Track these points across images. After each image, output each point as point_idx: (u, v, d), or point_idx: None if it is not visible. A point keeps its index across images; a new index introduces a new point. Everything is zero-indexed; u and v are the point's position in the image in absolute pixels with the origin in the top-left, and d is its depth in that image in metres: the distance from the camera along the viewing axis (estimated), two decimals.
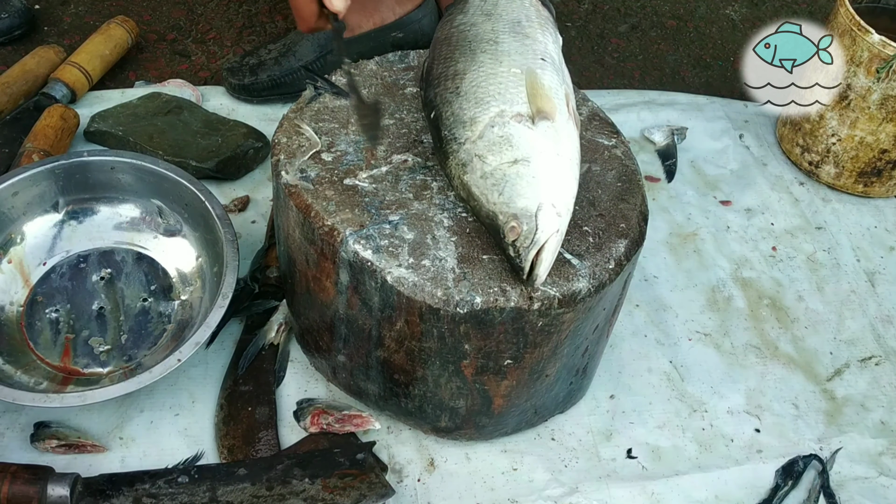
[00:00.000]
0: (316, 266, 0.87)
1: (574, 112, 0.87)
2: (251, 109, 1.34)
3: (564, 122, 0.84)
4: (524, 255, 0.77)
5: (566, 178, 0.82)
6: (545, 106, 0.84)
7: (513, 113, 0.83)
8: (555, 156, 0.81)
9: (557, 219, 0.78)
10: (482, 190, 0.81)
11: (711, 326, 1.16)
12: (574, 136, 0.85)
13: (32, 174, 1.03)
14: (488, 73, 0.87)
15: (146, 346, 1.01)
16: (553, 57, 0.91)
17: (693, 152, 1.40)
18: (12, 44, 1.39)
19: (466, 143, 0.83)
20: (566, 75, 0.92)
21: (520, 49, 0.90)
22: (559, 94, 0.86)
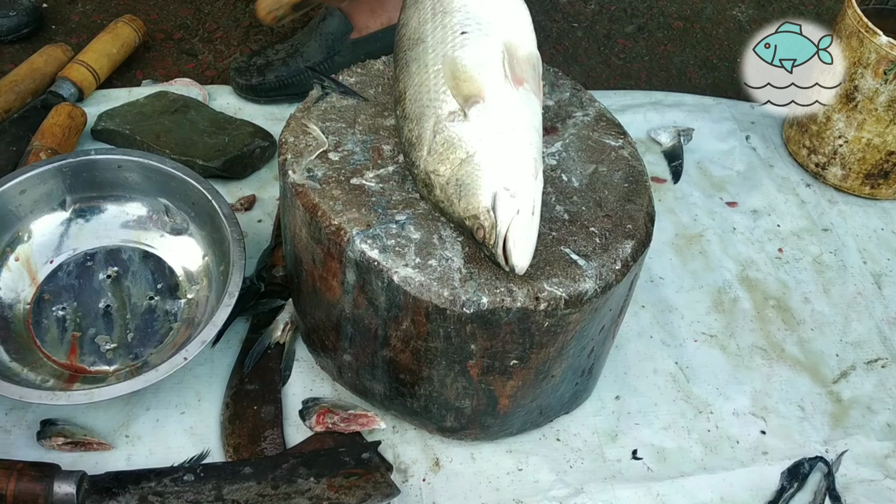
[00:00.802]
0: (322, 265, 0.88)
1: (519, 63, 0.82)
2: (258, 109, 1.34)
3: (498, 91, 0.80)
4: (495, 252, 0.76)
5: (514, 149, 0.79)
6: (470, 89, 0.80)
7: (446, 114, 0.81)
8: (496, 135, 0.79)
9: (513, 200, 0.76)
10: (447, 204, 0.80)
11: (717, 328, 1.15)
12: (516, 98, 0.80)
13: (40, 172, 1.04)
14: (420, 83, 0.84)
15: (152, 345, 1.02)
16: (478, 17, 0.85)
17: (699, 153, 1.39)
18: (20, 42, 1.39)
19: (420, 163, 0.82)
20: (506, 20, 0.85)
21: (440, 35, 0.85)
22: (489, 62, 0.81)
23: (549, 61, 1.54)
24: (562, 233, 0.86)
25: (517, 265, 0.76)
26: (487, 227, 0.76)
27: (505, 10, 0.86)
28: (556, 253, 0.84)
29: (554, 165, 0.93)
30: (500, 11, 0.85)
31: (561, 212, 0.88)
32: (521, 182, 0.77)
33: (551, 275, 0.81)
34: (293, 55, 1.34)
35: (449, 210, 0.80)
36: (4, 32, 1.37)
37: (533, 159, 0.79)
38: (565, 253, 0.84)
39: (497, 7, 0.85)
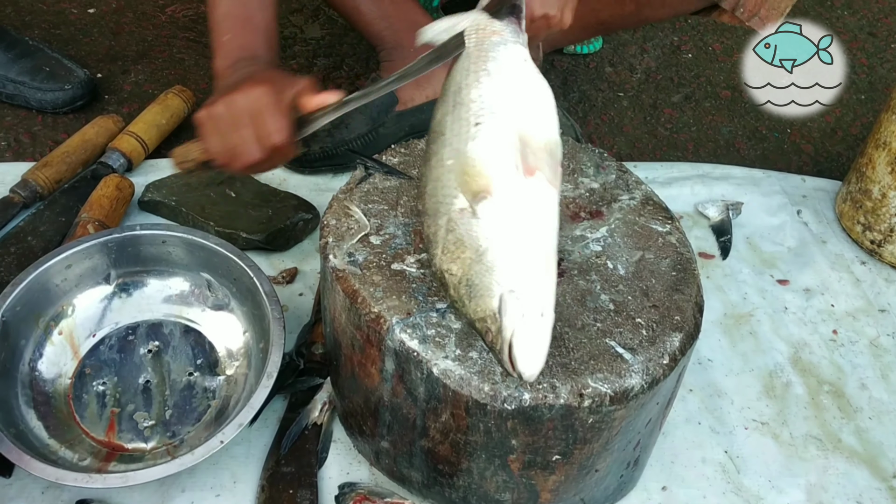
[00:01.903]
0: (361, 351, 0.86)
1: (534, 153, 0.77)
2: (302, 180, 1.34)
3: (507, 184, 0.76)
4: (501, 359, 0.72)
5: (521, 247, 0.74)
6: (478, 184, 0.76)
7: (457, 211, 0.76)
8: (503, 232, 0.74)
9: (518, 303, 0.71)
10: (459, 304, 0.76)
11: (769, 414, 1.11)
12: (524, 188, 0.76)
13: (86, 248, 1.05)
14: (436, 178, 0.80)
15: (190, 423, 1.01)
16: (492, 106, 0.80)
17: (749, 228, 1.36)
18: (75, 112, 1.43)
19: (436, 261, 0.78)
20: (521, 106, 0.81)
21: (456, 128, 0.81)
22: (500, 155, 0.77)
23: (594, 131, 1.54)
24: (607, 324, 0.84)
25: (523, 373, 0.71)
26: (494, 331, 0.72)
27: (522, 97, 0.82)
28: (601, 346, 0.81)
29: (599, 252, 0.91)
30: (517, 98, 0.82)
31: (606, 301, 0.86)
32: (528, 283, 0.72)
33: (596, 370, 0.79)
34: (338, 126, 1.35)
35: (462, 310, 0.76)
36: (60, 105, 1.40)
37: (543, 256, 0.75)
38: (610, 346, 0.81)
39: (513, 94, 0.82)
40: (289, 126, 0.90)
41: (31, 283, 1.01)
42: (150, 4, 1.69)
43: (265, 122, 0.89)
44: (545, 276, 0.74)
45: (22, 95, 1.40)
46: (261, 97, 0.89)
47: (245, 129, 0.90)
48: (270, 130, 0.89)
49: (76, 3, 1.67)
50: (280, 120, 0.90)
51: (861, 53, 1.83)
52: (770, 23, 1.16)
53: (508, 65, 0.83)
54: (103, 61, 1.54)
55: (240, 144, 0.91)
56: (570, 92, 1.57)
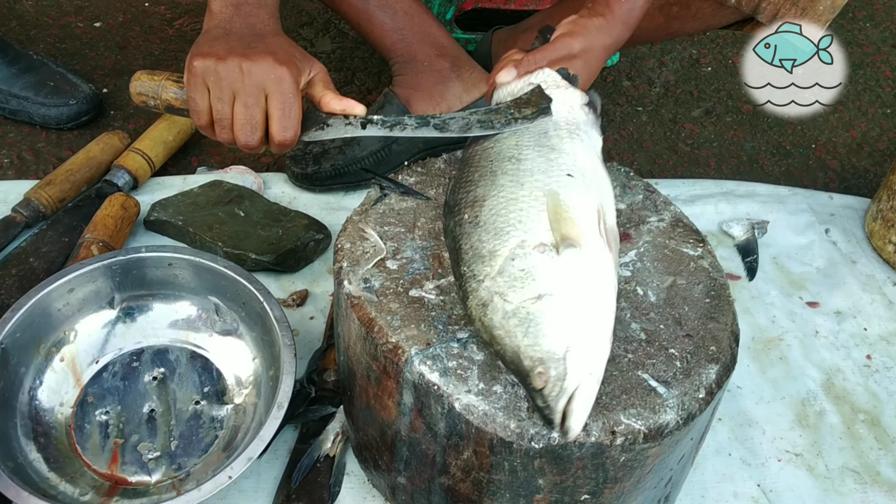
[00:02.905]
0: (377, 383, 0.81)
1: (608, 231, 0.78)
2: (312, 198, 1.30)
3: (594, 246, 0.75)
4: (553, 406, 0.68)
5: (599, 311, 0.72)
6: (570, 232, 0.74)
7: (535, 243, 0.74)
8: (584, 288, 0.72)
9: (589, 361, 0.69)
10: (505, 331, 0.72)
11: (803, 445, 1.06)
12: (607, 259, 0.75)
13: (89, 271, 1.01)
14: (508, 198, 0.78)
15: (196, 454, 0.96)
16: (583, 169, 0.82)
17: (775, 248, 1.31)
18: (79, 128, 1.39)
19: (486, 279, 0.74)
20: (601, 185, 0.83)
21: (544, 166, 0.81)
22: (588, 215, 0.77)
23: (613, 146, 1.49)
24: (639, 355, 0.79)
25: (573, 430, 0.68)
26: (554, 376, 0.68)
27: (601, 176, 0.84)
28: (634, 379, 0.76)
29: (628, 277, 0.86)
30: (598, 175, 0.83)
31: (637, 330, 0.81)
32: (599, 346, 0.71)
33: (628, 405, 0.74)
34: (350, 143, 1.31)
35: (504, 340, 0.72)
36: (65, 121, 1.37)
37: (611, 324, 0.73)
38: (643, 379, 0.76)
39: (597, 170, 0.84)
40: (300, 122, 0.84)
41: (31, 307, 0.97)
42: (157, 18, 1.66)
43: (279, 111, 0.83)
44: (608, 343, 0.72)
45: (25, 111, 1.37)
46: (283, 79, 0.82)
47: (251, 110, 0.83)
48: (283, 124, 0.83)
49: (82, 16, 1.64)
50: (295, 113, 0.84)
51: (885, 66, 1.78)
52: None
53: (594, 143, 0.88)
54: (109, 76, 1.51)
55: (237, 121, 0.83)
56: None
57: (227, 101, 0.84)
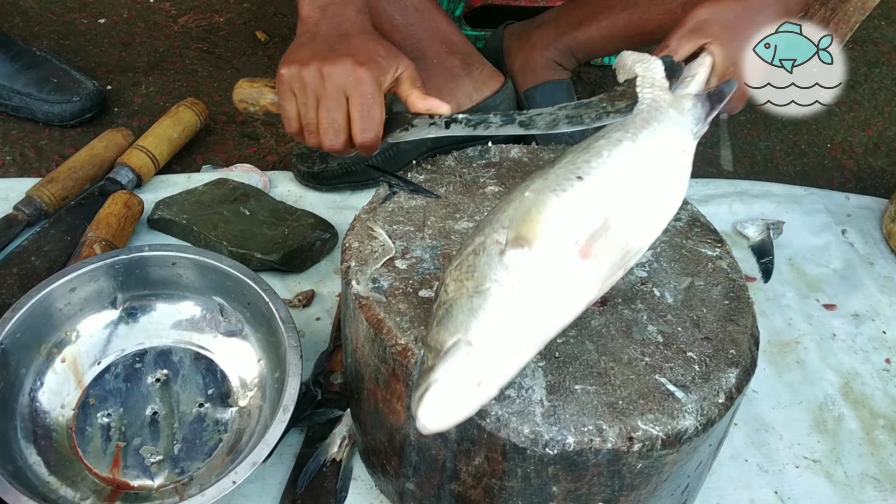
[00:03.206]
0: (386, 386, 0.79)
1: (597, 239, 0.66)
2: (319, 197, 1.28)
3: (551, 251, 0.65)
4: (412, 394, 0.63)
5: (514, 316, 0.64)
6: (526, 231, 0.65)
7: (493, 240, 0.67)
8: (511, 290, 0.64)
9: (467, 358, 0.62)
10: (432, 319, 0.67)
11: (821, 451, 1.03)
12: (564, 267, 0.65)
13: (91, 270, 0.98)
14: (509, 199, 0.71)
15: (200, 458, 0.94)
16: (607, 167, 0.70)
17: (791, 249, 1.29)
18: (83, 125, 1.37)
19: (447, 268, 0.69)
20: (650, 196, 0.70)
21: (562, 172, 0.70)
22: (570, 218, 0.66)
23: None
24: (656, 358, 0.76)
25: (419, 420, 0.61)
26: (429, 366, 0.63)
27: (647, 184, 0.70)
28: (651, 383, 0.74)
29: (644, 278, 0.83)
30: (641, 182, 0.70)
31: (654, 333, 0.78)
32: (493, 350, 0.63)
33: (646, 410, 0.72)
34: None
35: (428, 326, 0.68)
36: (68, 118, 1.35)
37: (528, 338, 0.64)
38: (661, 383, 0.74)
39: (639, 176, 0.70)
40: (382, 124, 0.83)
41: (32, 307, 0.95)
42: (162, 15, 1.64)
43: (359, 114, 0.82)
44: (515, 357, 0.64)
45: (28, 108, 1.35)
46: (363, 81, 0.81)
47: (335, 113, 0.82)
48: (363, 125, 0.82)
49: (86, 13, 1.62)
50: (376, 115, 0.82)
51: None
52: (839, 37, 1.08)
53: (662, 143, 0.74)
54: (113, 73, 1.49)
55: (321, 126, 0.83)
56: None
57: (312, 107, 0.84)
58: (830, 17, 1.11)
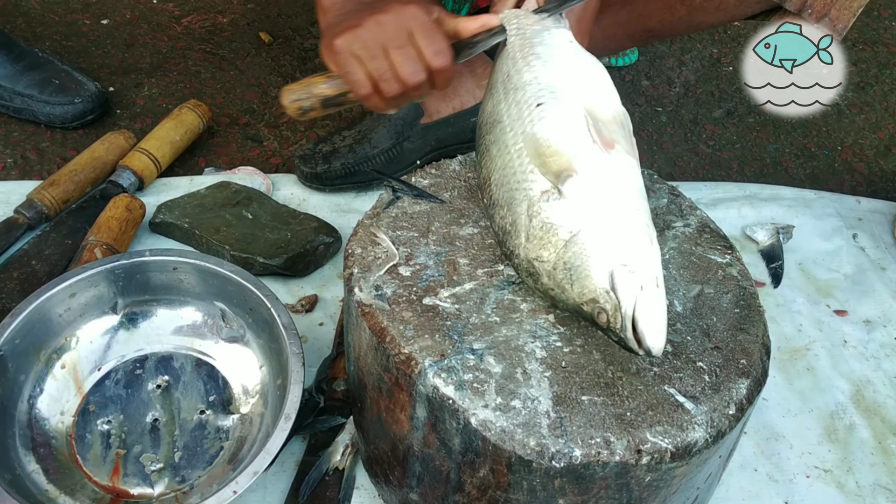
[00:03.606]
0: (389, 396, 0.78)
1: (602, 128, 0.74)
2: (323, 199, 1.27)
3: (589, 158, 0.73)
4: (625, 336, 0.68)
5: (621, 219, 0.71)
6: (559, 164, 0.73)
7: (538, 195, 0.73)
8: (598, 207, 0.71)
9: (633, 275, 0.68)
10: (558, 291, 0.72)
11: (832, 461, 1.01)
12: (608, 161, 0.73)
13: (91, 275, 0.97)
14: (504, 165, 0.78)
15: (201, 466, 0.93)
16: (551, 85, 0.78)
17: (801, 253, 1.27)
18: (84, 127, 1.36)
19: (520, 251, 0.75)
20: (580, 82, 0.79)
21: (516, 112, 0.79)
22: (572, 131, 0.74)
23: None
24: (665, 368, 0.75)
25: (653, 347, 0.67)
26: (610, 309, 0.69)
27: (579, 73, 0.79)
28: (660, 394, 0.72)
29: None
30: (575, 75, 0.78)
31: None
32: (639, 254, 0.69)
33: (655, 422, 0.70)
34: (360, 141, 1.28)
35: (562, 297, 0.73)
36: (69, 119, 1.34)
37: (645, 225, 0.72)
38: (670, 394, 0.72)
39: (570, 71, 0.79)
40: (449, 45, 0.86)
41: (31, 313, 0.94)
42: (165, 15, 1.63)
43: (427, 40, 0.85)
44: (651, 245, 0.71)
45: (30, 109, 1.33)
46: (417, 15, 0.85)
47: (405, 49, 0.85)
48: (435, 49, 0.85)
49: (89, 13, 1.60)
50: (442, 39, 0.85)
51: None
52: (841, 24, 1.06)
53: (557, 45, 0.82)
54: (116, 74, 1.48)
55: (398, 66, 0.85)
56: None
57: (381, 56, 0.86)
58: (832, 3, 1.08)
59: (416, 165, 1.28)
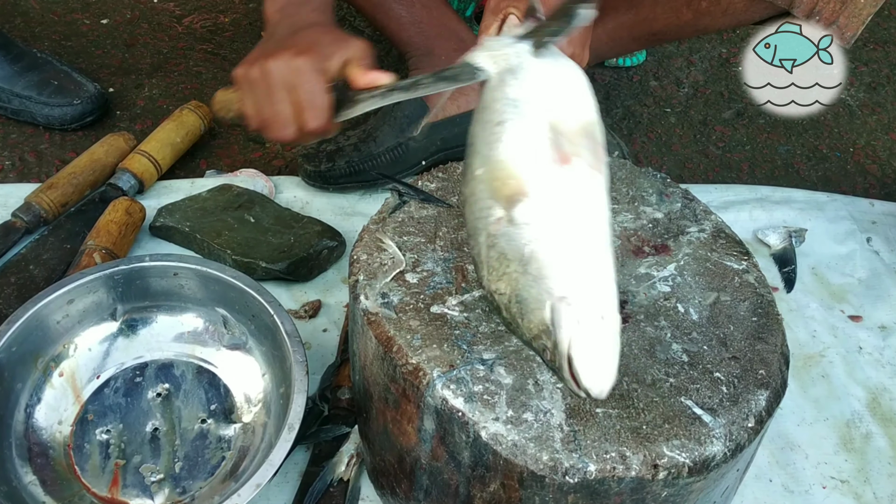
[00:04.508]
0: (396, 407, 0.75)
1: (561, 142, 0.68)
2: (326, 202, 1.24)
3: (542, 179, 0.67)
4: (563, 377, 0.65)
5: (567, 246, 0.66)
6: (510, 187, 0.67)
7: (493, 223, 0.68)
8: (546, 235, 0.66)
9: (570, 308, 0.64)
10: (514, 325, 0.69)
11: (849, 471, 0.99)
12: (562, 179, 0.67)
13: (89, 281, 0.95)
14: (470, 192, 0.72)
15: (202, 477, 0.90)
16: (514, 99, 0.71)
17: (814, 257, 1.24)
18: (84, 129, 1.33)
19: (484, 282, 0.71)
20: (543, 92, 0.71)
21: (482, 134, 0.72)
22: (527, 147, 0.68)
23: (641, 150, 1.43)
24: (681, 379, 0.72)
25: (591, 388, 0.63)
26: (551, 346, 0.65)
27: (549, 82, 0.72)
28: (676, 406, 0.70)
29: (668, 293, 0.79)
30: (543, 85, 0.72)
31: (678, 351, 0.74)
32: (580, 285, 0.64)
33: (671, 435, 0.68)
34: (365, 140, 1.25)
35: (518, 332, 0.70)
36: (69, 121, 1.31)
37: (594, 251, 0.67)
38: (687, 406, 0.70)
39: (539, 82, 0.72)
40: (328, 108, 0.83)
41: (28, 319, 0.91)
42: (166, 15, 1.60)
43: (303, 102, 0.82)
44: (599, 274, 0.65)
45: (28, 111, 1.31)
46: (301, 71, 0.81)
47: (280, 105, 0.82)
48: (308, 113, 0.82)
49: (89, 13, 1.58)
50: (319, 101, 0.82)
51: None
52: (850, 32, 1.04)
53: (528, 61, 0.74)
54: (115, 74, 1.45)
55: (274, 118, 0.83)
56: (613, 108, 1.46)
57: (264, 102, 0.84)
58: (840, 10, 1.06)
59: (422, 167, 1.26)
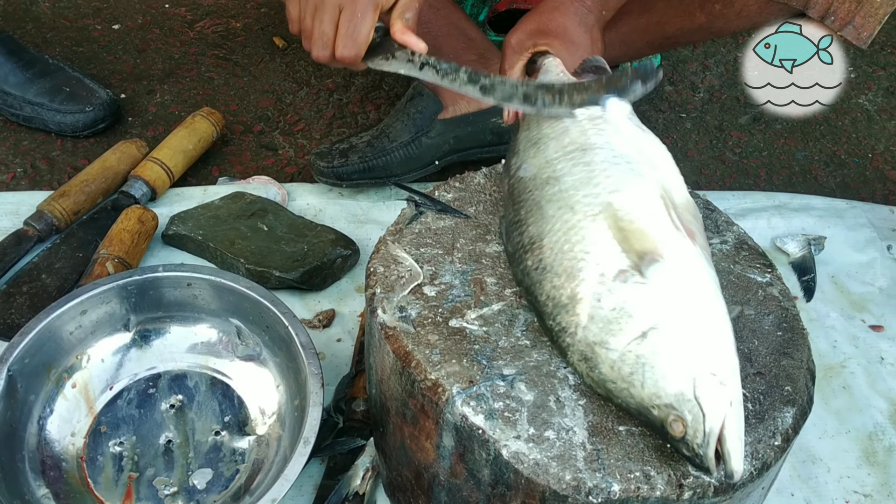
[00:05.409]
0: (414, 422, 0.74)
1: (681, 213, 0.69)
2: (340, 209, 1.23)
3: (675, 246, 0.67)
4: (704, 455, 0.62)
5: (713, 325, 0.66)
6: (643, 245, 0.67)
7: (613, 272, 0.67)
8: (686, 305, 0.65)
9: (723, 388, 0.62)
10: (619, 384, 0.66)
11: (872, 485, 0.97)
12: (694, 254, 0.68)
13: (102, 291, 0.94)
14: (565, 229, 0.71)
15: (216, 491, 0.89)
16: (626, 156, 0.73)
17: (833, 266, 1.22)
18: (96, 136, 1.33)
19: (577, 330, 0.68)
20: (653, 158, 0.74)
21: (585, 176, 0.72)
22: (653, 209, 0.69)
23: None
24: None
25: (737, 471, 0.61)
26: (690, 420, 0.62)
27: (651, 150, 0.74)
28: None
29: None
30: (647, 151, 0.73)
31: None
32: (728, 364, 0.64)
33: None
34: (378, 136, 1.24)
35: (622, 393, 0.66)
36: (81, 128, 1.31)
37: (728, 331, 0.66)
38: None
39: (642, 145, 0.73)
40: (364, 44, 0.86)
41: (41, 331, 0.91)
42: (177, 20, 1.60)
43: (345, 28, 0.85)
44: (735, 355, 0.65)
45: (40, 118, 1.31)
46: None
47: (324, 24, 0.86)
48: (345, 39, 0.85)
49: (100, 18, 1.58)
50: (361, 34, 0.85)
51: None
52: (866, 32, 1.02)
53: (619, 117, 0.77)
54: (127, 81, 1.45)
55: (313, 33, 0.87)
56: None
57: (309, 13, 0.87)
58: (856, 10, 1.04)
59: (436, 166, 1.25)
